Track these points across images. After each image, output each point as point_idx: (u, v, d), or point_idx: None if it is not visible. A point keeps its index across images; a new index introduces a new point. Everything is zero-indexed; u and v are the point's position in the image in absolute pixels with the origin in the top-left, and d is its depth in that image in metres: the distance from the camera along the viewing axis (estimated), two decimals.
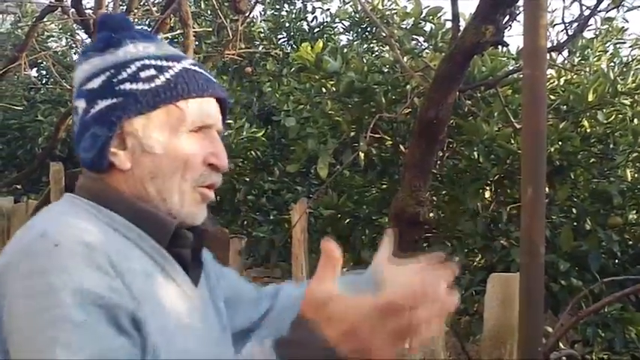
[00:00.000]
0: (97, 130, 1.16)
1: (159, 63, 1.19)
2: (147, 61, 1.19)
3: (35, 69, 9.66)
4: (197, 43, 6.58)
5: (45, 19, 7.67)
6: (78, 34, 11.14)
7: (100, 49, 1.20)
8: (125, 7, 6.45)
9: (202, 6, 8.00)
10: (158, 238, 1.16)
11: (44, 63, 9.46)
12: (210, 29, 7.51)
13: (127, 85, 1.16)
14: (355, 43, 8.57)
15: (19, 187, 8.52)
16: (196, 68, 1.22)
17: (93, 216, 1.14)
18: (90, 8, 5.66)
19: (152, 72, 1.17)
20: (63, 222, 1.11)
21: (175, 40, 8.08)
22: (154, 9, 6.60)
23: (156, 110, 1.17)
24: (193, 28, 5.82)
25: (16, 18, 10.67)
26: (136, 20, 7.52)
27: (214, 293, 1.30)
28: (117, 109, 1.16)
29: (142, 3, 7.45)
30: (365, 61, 4.89)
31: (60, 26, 10.44)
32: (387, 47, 7.73)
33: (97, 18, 1.19)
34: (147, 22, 8.27)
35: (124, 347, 1.02)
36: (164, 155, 1.16)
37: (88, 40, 5.85)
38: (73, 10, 6.14)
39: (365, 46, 8.62)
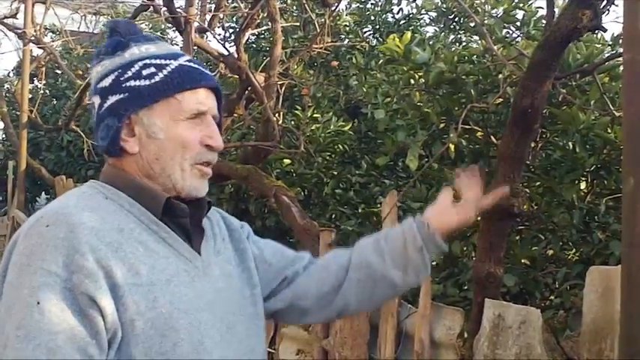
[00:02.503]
0: (109, 122, 1.38)
1: (158, 62, 1.40)
2: (148, 61, 1.39)
3: None
4: (284, 38, 6.62)
5: (137, 19, 7.87)
6: (168, 32, 11.44)
7: (110, 53, 1.42)
8: (214, 5, 6.56)
9: (289, 1, 8.06)
10: (153, 210, 1.37)
11: None
12: (297, 24, 7.55)
13: (132, 82, 1.37)
14: (442, 34, 8.46)
15: None
16: (191, 64, 1.42)
17: (102, 195, 1.36)
18: (180, 7, 5.76)
19: (152, 70, 1.38)
20: (64, 205, 1.32)
21: (263, 35, 8.18)
22: (242, 5, 6.68)
23: (157, 102, 1.37)
24: (280, 23, 5.86)
25: (108, 19, 11.01)
26: (225, 17, 7.64)
27: (243, 256, 1.54)
28: (125, 103, 1.37)
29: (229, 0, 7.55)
30: (453, 51, 4.81)
31: (150, 25, 10.72)
32: (475, 38, 7.61)
33: (108, 24, 1.36)
34: (234, 19, 8.41)
35: (71, 326, 1.19)
36: (165, 140, 1.38)
37: (179, 38, 5.96)
38: (164, 8, 6.27)
39: (452, 37, 8.49)
